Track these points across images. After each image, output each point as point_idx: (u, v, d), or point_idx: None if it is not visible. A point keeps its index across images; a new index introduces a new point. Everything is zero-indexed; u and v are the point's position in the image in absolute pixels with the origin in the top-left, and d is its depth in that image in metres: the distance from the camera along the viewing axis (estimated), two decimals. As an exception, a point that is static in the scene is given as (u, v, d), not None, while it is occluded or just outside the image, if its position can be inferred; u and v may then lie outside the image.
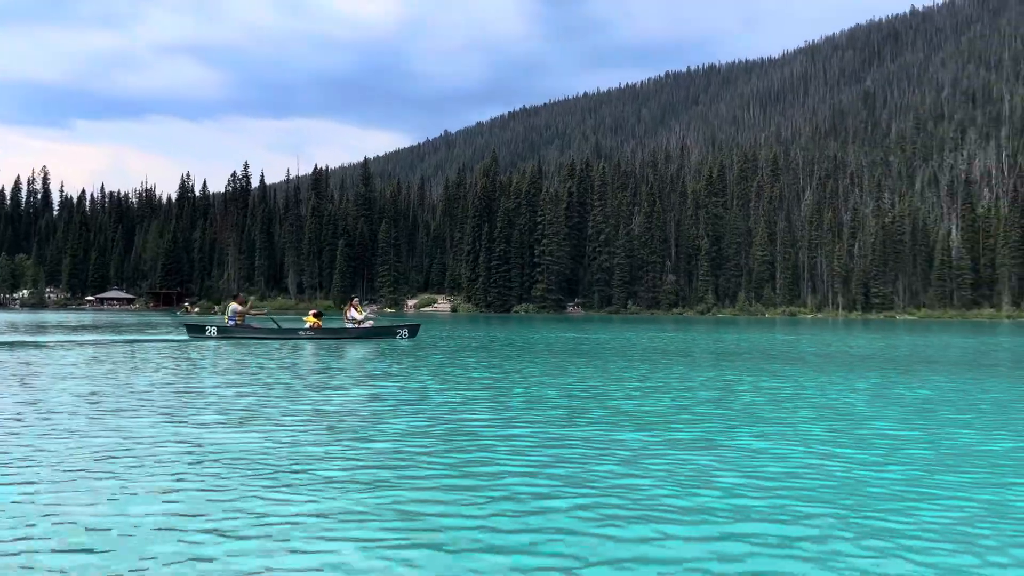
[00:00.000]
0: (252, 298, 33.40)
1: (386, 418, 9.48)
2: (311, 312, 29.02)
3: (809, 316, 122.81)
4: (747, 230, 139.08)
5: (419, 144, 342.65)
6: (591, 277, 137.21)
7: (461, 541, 4.69)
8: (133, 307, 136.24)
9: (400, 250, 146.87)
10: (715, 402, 11.38)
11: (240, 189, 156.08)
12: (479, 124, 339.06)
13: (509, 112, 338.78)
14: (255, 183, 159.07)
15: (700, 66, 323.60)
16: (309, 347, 23.51)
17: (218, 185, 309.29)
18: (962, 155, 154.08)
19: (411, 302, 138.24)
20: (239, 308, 28.22)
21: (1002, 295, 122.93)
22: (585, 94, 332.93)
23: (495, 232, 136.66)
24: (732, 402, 11.45)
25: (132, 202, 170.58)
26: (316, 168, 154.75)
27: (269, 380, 13.64)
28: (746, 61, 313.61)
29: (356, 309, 28.90)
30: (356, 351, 21.98)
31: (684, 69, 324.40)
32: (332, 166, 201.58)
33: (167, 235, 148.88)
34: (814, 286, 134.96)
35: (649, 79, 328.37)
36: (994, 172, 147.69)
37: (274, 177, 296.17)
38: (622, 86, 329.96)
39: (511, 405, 10.81)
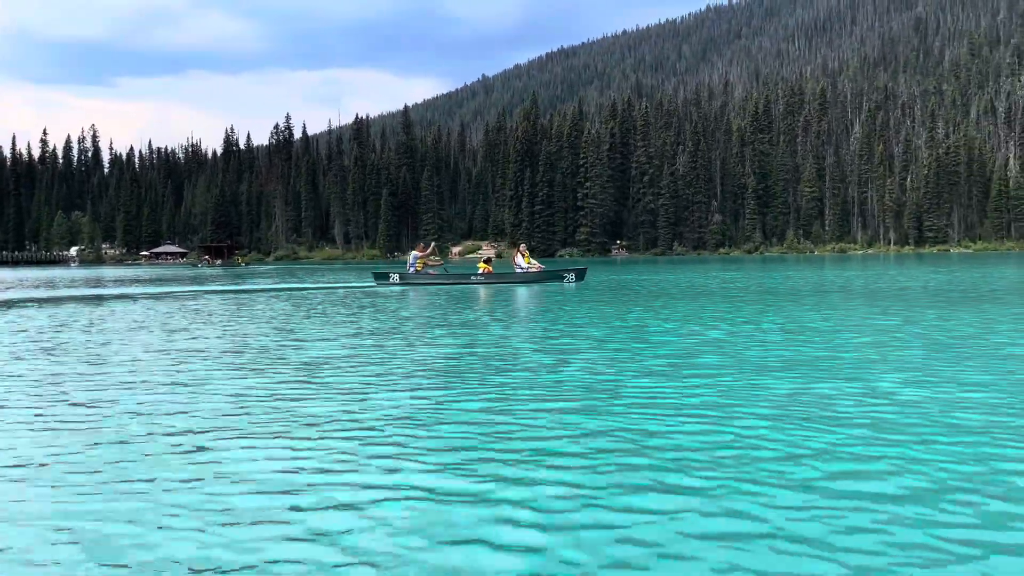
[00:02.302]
0: (434, 243, 36.72)
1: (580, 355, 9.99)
2: (483, 259, 30.84)
3: (860, 252, 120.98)
4: (795, 166, 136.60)
5: (457, 89, 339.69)
6: (635, 219, 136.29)
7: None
8: (184, 260, 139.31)
9: (443, 198, 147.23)
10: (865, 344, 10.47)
11: (283, 141, 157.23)
12: (517, 67, 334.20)
13: (547, 53, 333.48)
14: (297, 134, 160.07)
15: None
16: (483, 291, 24.64)
17: (261, 138, 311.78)
18: (1020, 81, 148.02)
19: (455, 249, 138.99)
20: (419, 256, 29.85)
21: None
22: (624, 32, 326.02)
23: (537, 176, 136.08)
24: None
25: (179, 157, 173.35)
26: (357, 118, 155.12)
27: (446, 321, 14.58)
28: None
29: (524, 256, 30.01)
30: (528, 294, 22.81)
31: (726, 2, 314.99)
32: (372, 115, 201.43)
33: (214, 189, 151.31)
34: (864, 221, 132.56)
35: (689, 13, 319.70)
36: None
37: (315, 128, 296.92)
38: (662, 22, 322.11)
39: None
